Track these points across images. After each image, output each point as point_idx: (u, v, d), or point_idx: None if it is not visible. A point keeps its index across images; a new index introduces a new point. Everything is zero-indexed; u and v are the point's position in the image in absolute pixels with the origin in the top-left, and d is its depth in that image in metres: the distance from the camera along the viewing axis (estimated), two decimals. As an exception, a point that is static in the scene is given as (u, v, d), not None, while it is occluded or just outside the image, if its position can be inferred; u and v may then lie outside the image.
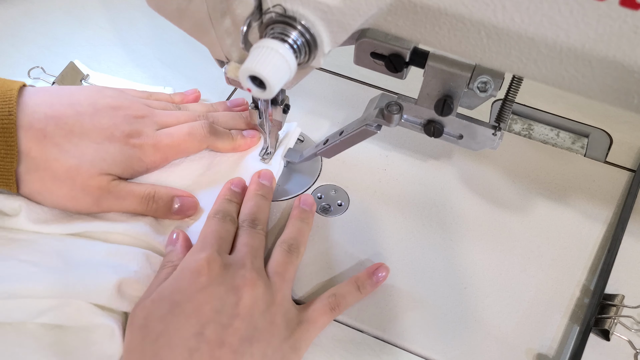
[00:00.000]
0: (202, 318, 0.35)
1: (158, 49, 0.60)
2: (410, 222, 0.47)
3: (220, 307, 0.36)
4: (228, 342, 0.35)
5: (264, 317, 0.37)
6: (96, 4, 0.64)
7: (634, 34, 0.24)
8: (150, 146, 0.44)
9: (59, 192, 0.41)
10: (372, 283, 0.42)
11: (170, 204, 0.44)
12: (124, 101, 0.45)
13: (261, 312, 0.37)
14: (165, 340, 0.34)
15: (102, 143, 0.42)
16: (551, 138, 0.54)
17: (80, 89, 0.45)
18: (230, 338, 0.35)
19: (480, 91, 0.35)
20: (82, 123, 0.42)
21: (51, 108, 0.41)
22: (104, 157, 0.42)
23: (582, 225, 0.48)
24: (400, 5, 0.28)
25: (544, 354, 0.41)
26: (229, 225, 0.42)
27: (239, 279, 0.37)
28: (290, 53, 0.30)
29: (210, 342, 0.34)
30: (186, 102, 0.52)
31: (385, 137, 0.52)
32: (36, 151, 0.40)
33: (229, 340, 0.35)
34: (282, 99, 0.43)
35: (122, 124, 0.43)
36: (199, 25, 0.36)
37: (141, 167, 0.45)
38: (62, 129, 0.41)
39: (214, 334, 0.35)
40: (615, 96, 0.27)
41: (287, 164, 0.50)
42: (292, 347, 0.37)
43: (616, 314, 0.41)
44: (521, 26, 0.26)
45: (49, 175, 0.40)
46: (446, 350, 0.41)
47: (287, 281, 0.40)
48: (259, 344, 0.36)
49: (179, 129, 0.46)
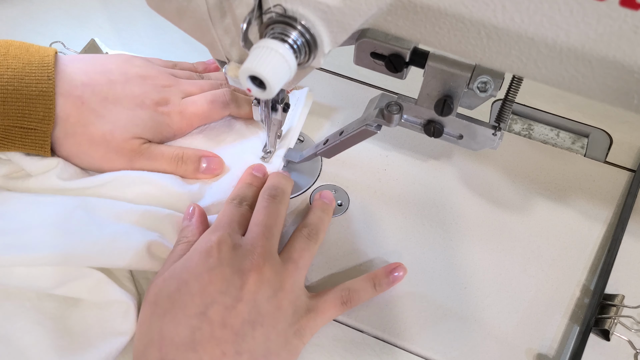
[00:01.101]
0: (206, 298, 0.36)
1: (158, 49, 0.60)
2: (410, 222, 0.47)
3: (225, 289, 0.36)
4: (230, 324, 0.35)
5: (269, 302, 0.37)
6: (96, 4, 0.64)
7: (634, 34, 0.24)
8: (177, 113, 0.47)
9: (95, 154, 0.44)
10: (389, 282, 0.42)
11: (198, 163, 0.46)
12: (152, 71, 0.48)
13: (267, 298, 0.37)
14: (170, 317, 0.35)
15: (134, 109, 0.45)
16: (551, 138, 0.54)
17: (110, 58, 0.48)
18: (233, 320, 0.35)
19: (480, 91, 0.35)
20: (115, 91, 0.45)
21: (87, 76, 0.44)
22: (137, 123, 0.45)
23: (582, 225, 0.48)
24: (400, 5, 0.28)
25: (544, 354, 0.41)
26: (245, 210, 0.43)
27: (247, 262, 0.37)
28: (290, 53, 0.30)
29: (213, 322, 0.35)
30: (208, 71, 0.54)
31: (385, 137, 0.52)
32: (75, 117, 0.43)
33: (231, 322, 0.35)
34: (282, 97, 0.43)
35: (151, 92, 0.46)
36: (199, 25, 0.36)
37: (169, 133, 0.47)
38: (97, 96, 0.44)
39: (217, 314, 0.35)
40: (615, 96, 0.27)
41: (287, 164, 0.50)
42: (296, 333, 0.38)
43: (616, 314, 0.41)
44: (521, 26, 0.26)
45: (86, 139, 0.43)
46: (446, 350, 0.41)
47: (300, 268, 0.40)
48: (262, 328, 0.36)
49: (203, 97, 0.48)
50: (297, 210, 0.48)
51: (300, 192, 0.49)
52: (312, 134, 0.53)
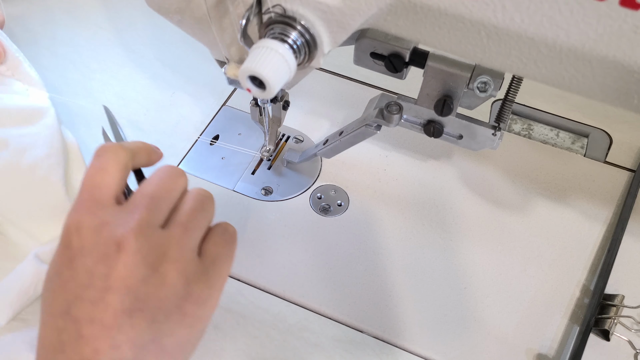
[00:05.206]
0: (68, 296, 0.32)
1: (158, 49, 0.60)
2: (410, 222, 0.47)
3: (89, 281, 0.32)
4: (99, 319, 0.31)
5: (147, 282, 0.32)
6: (96, 4, 0.64)
7: (634, 34, 0.24)
8: None
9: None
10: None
11: None
12: None
13: (142, 278, 0.32)
14: (42, 319, 0.33)
15: None
16: (551, 138, 0.54)
17: None
18: (101, 314, 0.31)
19: (480, 91, 0.35)
20: None
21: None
22: None
23: (582, 225, 0.48)
24: (400, 5, 0.28)
25: (544, 354, 0.41)
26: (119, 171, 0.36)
27: (112, 244, 0.32)
28: (290, 53, 0.30)
29: (78, 320, 0.32)
30: None
31: (385, 137, 0.52)
32: None
33: (100, 317, 0.31)
34: (282, 95, 0.43)
35: None
36: (199, 25, 0.35)
37: None
38: None
39: (82, 311, 0.32)
40: (615, 96, 0.27)
41: (287, 164, 0.50)
42: (195, 303, 0.34)
43: (616, 314, 0.41)
44: (521, 26, 0.26)
45: None
46: (446, 350, 0.41)
47: (190, 229, 0.34)
48: (143, 313, 0.32)
49: None
50: (296, 210, 0.48)
51: (301, 192, 0.49)
52: (312, 134, 0.53)
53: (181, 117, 0.54)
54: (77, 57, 0.57)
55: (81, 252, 0.32)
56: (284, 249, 0.45)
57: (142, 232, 0.33)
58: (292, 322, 0.42)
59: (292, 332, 0.41)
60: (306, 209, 0.48)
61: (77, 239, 0.32)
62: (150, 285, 0.32)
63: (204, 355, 0.40)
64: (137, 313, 0.32)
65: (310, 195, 0.49)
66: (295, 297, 0.43)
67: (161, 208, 0.34)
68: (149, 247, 0.33)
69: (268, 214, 0.47)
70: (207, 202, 0.36)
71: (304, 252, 0.45)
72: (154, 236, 0.33)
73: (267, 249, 0.45)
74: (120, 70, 0.57)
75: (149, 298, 0.32)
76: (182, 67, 0.58)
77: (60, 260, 0.33)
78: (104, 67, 0.57)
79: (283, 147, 0.52)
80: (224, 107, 0.55)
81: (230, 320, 0.41)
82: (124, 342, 0.32)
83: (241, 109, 0.55)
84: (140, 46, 0.60)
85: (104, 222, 0.33)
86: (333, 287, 0.43)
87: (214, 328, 0.41)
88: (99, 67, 0.57)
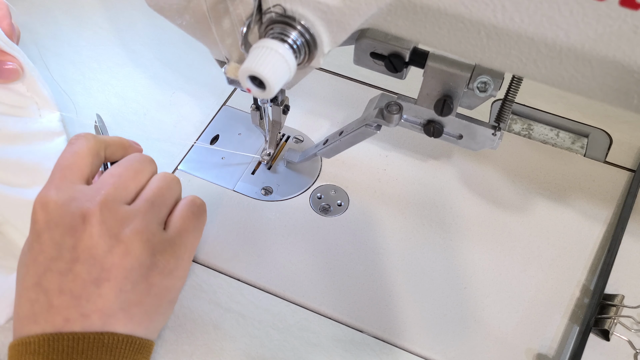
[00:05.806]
0: (38, 268, 0.33)
1: (158, 49, 0.60)
2: (410, 222, 0.47)
3: (57, 253, 0.33)
4: (67, 289, 0.33)
5: (112, 252, 0.34)
6: (96, 4, 0.64)
7: (634, 34, 0.24)
8: None
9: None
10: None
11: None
12: None
13: (108, 248, 0.33)
14: (16, 292, 0.34)
15: None
16: (551, 138, 0.54)
17: None
18: (70, 284, 0.33)
19: (480, 91, 0.35)
20: None
21: None
22: None
23: (582, 225, 0.48)
24: (400, 5, 0.28)
25: (544, 354, 0.41)
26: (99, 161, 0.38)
27: (78, 216, 0.33)
28: (289, 53, 0.30)
29: (48, 291, 0.33)
30: None
31: (385, 137, 0.52)
32: None
33: (69, 287, 0.33)
34: (282, 99, 0.43)
35: None
36: (198, 25, 0.36)
37: None
38: None
39: (52, 283, 0.33)
40: (615, 96, 0.27)
41: (287, 164, 0.50)
42: (161, 273, 0.35)
43: (616, 314, 0.41)
44: (521, 26, 0.26)
45: None
46: (446, 350, 0.41)
47: (156, 205, 0.36)
48: (109, 282, 0.33)
49: None
50: (296, 210, 0.48)
51: (300, 192, 0.49)
52: (312, 134, 0.53)
53: (181, 117, 0.54)
54: (77, 57, 0.57)
55: (48, 226, 0.34)
56: (284, 248, 0.45)
57: (108, 205, 0.34)
58: (292, 322, 0.42)
59: (292, 332, 0.41)
60: (306, 209, 0.48)
61: (44, 213, 0.34)
62: (116, 255, 0.34)
63: (204, 355, 0.40)
64: (105, 283, 0.33)
65: (310, 195, 0.49)
66: (295, 297, 0.43)
67: (128, 186, 0.36)
68: (113, 219, 0.34)
69: (268, 214, 0.47)
70: (173, 181, 0.38)
71: (303, 252, 0.45)
72: (119, 210, 0.35)
73: (267, 249, 0.45)
74: (120, 70, 0.57)
75: (115, 268, 0.34)
76: (182, 67, 0.58)
77: (30, 236, 0.34)
78: (104, 67, 0.57)
79: (283, 147, 0.52)
80: (224, 107, 0.55)
81: (230, 320, 0.41)
82: (93, 312, 0.33)
83: (241, 109, 0.55)
84: (140, 46, 0.60)
85: (71, 197, 0.34)
86: (333, 287, 0.43)
87: (214, 328, 0.41)
88: (99, 67, 0.57)
